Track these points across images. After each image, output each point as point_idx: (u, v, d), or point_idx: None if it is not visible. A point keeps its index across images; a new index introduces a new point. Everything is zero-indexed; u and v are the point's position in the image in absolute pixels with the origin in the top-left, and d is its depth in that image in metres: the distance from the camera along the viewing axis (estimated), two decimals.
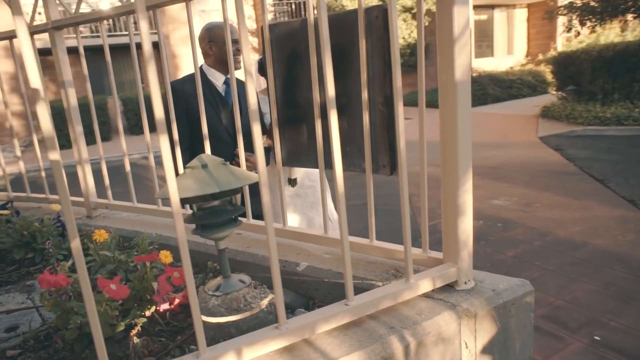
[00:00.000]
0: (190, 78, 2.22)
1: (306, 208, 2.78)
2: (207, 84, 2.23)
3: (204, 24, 2.30)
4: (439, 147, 1.09)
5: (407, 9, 13.11)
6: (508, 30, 15.41)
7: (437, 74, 1.02)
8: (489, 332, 1.04)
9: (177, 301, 1.25)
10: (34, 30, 1.80)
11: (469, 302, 1.02)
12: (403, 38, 13.32)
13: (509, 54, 15.49)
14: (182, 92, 2.16)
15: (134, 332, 1.10)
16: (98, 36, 13.80)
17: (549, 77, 11.92)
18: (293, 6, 17.49)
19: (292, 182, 2.65)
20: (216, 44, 2.19)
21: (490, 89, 12.29)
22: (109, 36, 13.85)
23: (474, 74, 12.97)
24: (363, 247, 1.26)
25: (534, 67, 13.77)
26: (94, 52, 13.35)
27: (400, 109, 0.95)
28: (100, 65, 14.39)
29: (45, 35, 1.83)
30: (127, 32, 12.80)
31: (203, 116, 1.50)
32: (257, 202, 2.55)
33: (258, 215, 2.50)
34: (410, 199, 5.23)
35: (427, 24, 13.39)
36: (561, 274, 3.29)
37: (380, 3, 1.58)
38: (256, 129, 0.80)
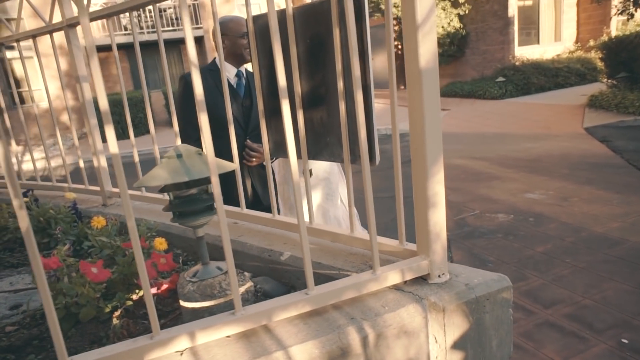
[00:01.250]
0: (203, 70, 2.27)
1: (322, 200, 2.79)
2: (220, 76, 2.27)
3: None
4: (473, 139, 1.06)
5: None
6: (555, 15, 14.62)
7: (477, 65, 0.99)
8: (460, 327, 1.01)
9: (164, 286, 1.29)
10: (51, 29, 1.90)
11: (438, 295, 1.00)
12: (442, 27, 12.95)
13: (557, 40, 14.71)
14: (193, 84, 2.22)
15: (116, 313, 1.15)
16: (144, 32, 14.35)
17: (599, 64, 11.23)
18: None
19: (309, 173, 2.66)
20: (228, 37, 2.23)
21: (534, 78, 11.74)
22: (151, 32, 14.38)
23: (517, 63, 12.43)
24: (346, 238, 1.25)
25: (583, 54, 13.02)
26: (150, 47, 13.90)
27: (359, 99, 0.94)
28: (146, 60, 15.00)
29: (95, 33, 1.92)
30: (170, 28, 13.18)
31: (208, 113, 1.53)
32: (269, 193, 2.58)
33: (270, 205, 2.55)
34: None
35: (467, 12, 12.96)
36: (592, 272, 3.13)
37: None
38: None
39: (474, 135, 8.09)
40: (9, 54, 11.44)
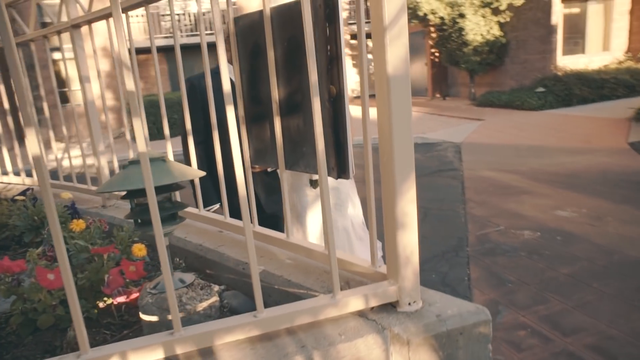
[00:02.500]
0: (211, 72, 2.24)
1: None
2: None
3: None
4: (506, 151, 0.96)
5: (486, 4, 12.37)
6: (605, 24, 13.91)
7: (516, 74, 0.90)
8: None
9: (134, 295, 1.25)
10: (58, 29, 1.92)
11: (404, 326, 0.90)
12: (481, 35, 12.58)
13: (604, 50, 13.99)
14: (198, 88, 2.20)
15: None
16: (185, 35, 14.74)
17: None
18: (369, 3, 17.25)
19: (314, 183, 2.58)
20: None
21: (576, 89, 11.19)
22: (190, 35, 14.74)
23: (559, 73, 11.90)
24: (319, 255, 1.17)
25: (633, 65, 12.31)
26: (189, 50, 14.23)
27: (316, 107, 0.86)
28: (185, 63, 15.37)
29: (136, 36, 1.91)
30: (209, 32, 13.44)
31: (214, 111, 1.49)
32: (273, 200, 2.52)
33: (273, 213, 2.49)
34: (466, 204, 4.94)
35: (507, 19, 12.55)
36: (622, 300, 2.89)
37: None
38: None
39: (508, 147, 7.78)
40: (56, 55, 12.00)
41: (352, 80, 17.67)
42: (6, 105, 2.55)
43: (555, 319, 2.71)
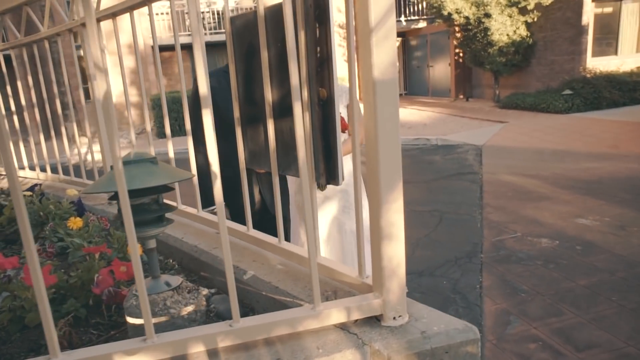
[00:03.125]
0: (216, 73, 2.24)
1: (338, 212, 2.67)
2: None
3: None
4: (529, 155, 0.92)
5: (513, 3, 12.06)
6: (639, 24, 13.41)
7: (543, 76, 0.86)
8: None
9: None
10: (70, 27, 1.94)
11: (386, 342, 0.86)
12: (507, 35, 12.28)
13: (639, 52, 13.49)
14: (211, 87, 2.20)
15: (62, 321, 1.12)
16: (217, 33, 14.89)
17: None
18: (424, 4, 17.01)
19: (321, 185, 2.55)
20: None
21: (606, 92, 10.80)
22: (214, 33, 14.88)
23: (587, 75, 11.52)
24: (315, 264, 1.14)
25: None
26: (213, 48, 14.38)
27: (297, 111, 0.83)
28: (216, 60, 15.56)
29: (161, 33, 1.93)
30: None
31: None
32: (284, 202, 2.49)
33: (283, 216, 2.47)
34: (484, 209, 4.82)
35: (535, 19, 12.23)
36: None
37: None
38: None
39: (531, 151, 7.57)
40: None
41: None
42: (20, 101, 2.60)
43: (569, 333, 2.61)
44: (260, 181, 2.29)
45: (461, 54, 14.51)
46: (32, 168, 2.77)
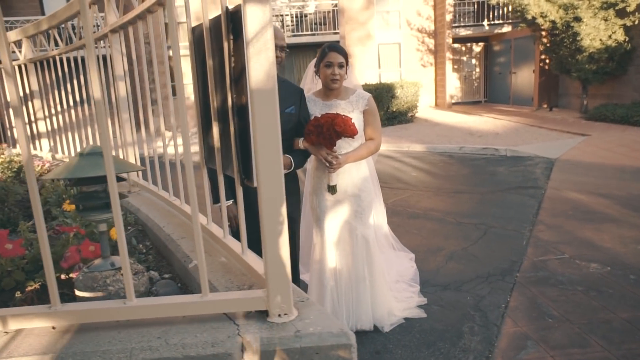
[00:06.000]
0: None
1: (349, 216, 2.70)
2: None
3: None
4: (607, 172, 0.96)
5: (610, 4, 10.98)
6: None
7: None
8: None
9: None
10: (96, 37, 2.20)
11: (259, 336, 0.92)
12: (600, 40, 11.22)
13: None
14: None
15: (29, 288, 1.31)
16: (296, 35, 15.41)
17: None
18: (476, 6, 16.47)
19: (331, 189, 2.60)
20: None
21: None
22: (293, 36, 15.36)
23: None
24: (236, 257, 1.22)
25: None
26: (293, 50, 14.89)
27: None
28: (293, 61, 16.10)
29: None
30: (309, 32, 13.90)
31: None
32: (289, 202, 2.59)
33: (287, 215, 2.55)
34: (535, 226, 4.51)
35: (636, 22, 11.03)
36: None
37: None
38: None
39: (610, 168, 6.89)
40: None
41: (451, 85, 16.97)
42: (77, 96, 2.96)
43: None
44: None
45: (547, 60, 13.54)
46: None
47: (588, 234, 4.31)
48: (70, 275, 1.33)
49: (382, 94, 12.66)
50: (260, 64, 0.85)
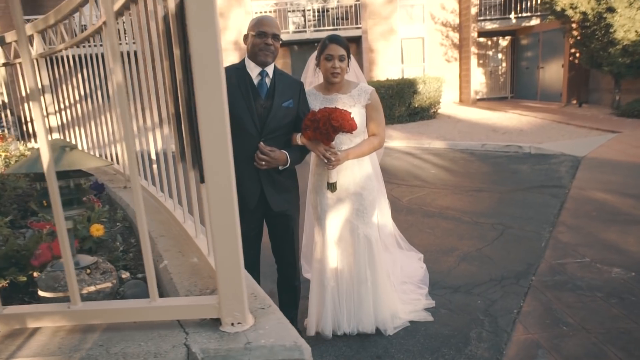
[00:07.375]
0: (229, 68, 2.32)
1: (350, 215, 2.61)
2: (244, 75, 2.28)
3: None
4: (636, 171, 0.88)
5: None
6: None
7: None
8: None
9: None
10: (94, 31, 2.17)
11: (206, 347, 0.85)
12: (636, 32, 10.68)
13: None
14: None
15: (1, 284, 1.27)
16: (318, 30, 15.34)
17: None
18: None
19: (331, 186, 2.51)
20: (248, 35, 2.24)
21: None
22: (316, 31, 15.27)
23: None
24: (204, 258, 1.15)
25: None
26: (299, 46, 14.90)
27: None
28: (306, 56, 16.05)
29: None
30: (331, 27, 13.77)
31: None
32: (284, 199, 2.51)
33: (282, 212, 2.47)
34: (555, 227, 4.31)
35: None
36: None
37: None
38: None
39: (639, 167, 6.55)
40: None
41: (476, 80, 16.54)
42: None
43: None
44: (264, 179, 2.32)
45: (577, 54, 13.01)
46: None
47: (612, 237, 4.08)
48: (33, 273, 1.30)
49: (404, 89, 12.43)
50: (206, 37, 0.77)
